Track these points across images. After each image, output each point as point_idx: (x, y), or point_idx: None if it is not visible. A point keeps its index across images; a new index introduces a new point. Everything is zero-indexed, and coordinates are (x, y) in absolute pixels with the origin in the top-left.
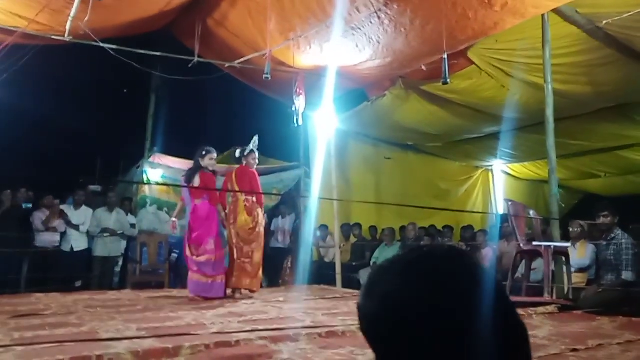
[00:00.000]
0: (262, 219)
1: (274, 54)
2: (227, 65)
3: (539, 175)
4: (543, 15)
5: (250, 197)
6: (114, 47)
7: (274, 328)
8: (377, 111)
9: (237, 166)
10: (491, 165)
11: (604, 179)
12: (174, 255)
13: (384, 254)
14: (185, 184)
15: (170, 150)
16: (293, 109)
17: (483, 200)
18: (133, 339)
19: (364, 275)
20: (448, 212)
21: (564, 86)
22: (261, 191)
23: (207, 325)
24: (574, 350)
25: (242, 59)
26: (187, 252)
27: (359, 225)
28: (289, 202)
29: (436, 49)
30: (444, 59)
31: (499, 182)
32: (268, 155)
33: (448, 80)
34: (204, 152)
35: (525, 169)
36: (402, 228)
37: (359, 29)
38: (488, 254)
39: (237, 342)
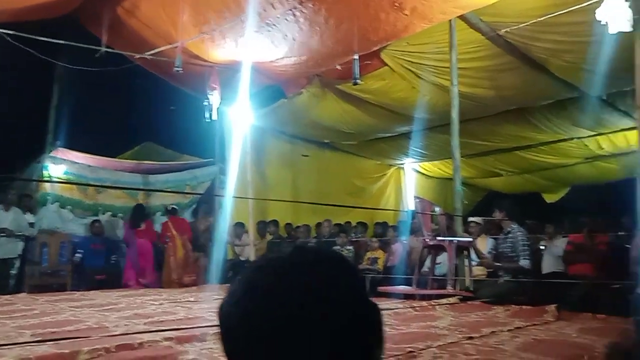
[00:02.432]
0: (191, 252)
1: (188, 47)
2: (137, 56)
3: (447, 174)
4: (450, 21)
5: (185, 236)
6: (10, 32)
7: (180, 328)
8: (294, 108)
9: (170, 217)
10: (403, 164)
11: (505, 177)
12: (78, 255)
13: None
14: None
15: (75, 144)
16: (206, 103)
17: (395, 197)
18: (25, 345)
19: None
20: (362, 209)
21: (469, 89)
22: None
23: (110, 328)
24: (470, 338)
25: (153, 51)
26: (133, 277)
27: (275, 223)
28: (207, 201)
29: (350, 49)
30: (355, 59)
31: (411, 180)
32: (181, 151)
33: (358, 81)
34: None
35: (435, 167)
36: (318, 225)
37: (274, 25)
38: (398, 249)
39: (141, 344)
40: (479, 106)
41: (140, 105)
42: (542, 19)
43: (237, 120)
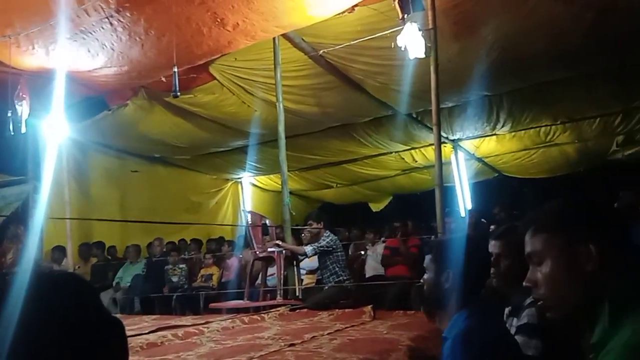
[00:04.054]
0: None
1: None
2: None
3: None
4: (274, 39)
5: None
6: None
7: None
8: (120, 121)
9: None
10: (240, 178)
11: (335, 189)
12: None
13: (128, 272)
14: None
15: None
16: (9, 114)
17: (233, 212)
18: None
19: (105, 297)
20: (199, 225)
21: (296, 105)
22: None
23: None
24: (292, 344)
25: None
26: None
27: (100, 244)
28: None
29: (173, 61)
30: (174, 72)
31: (248, 194)
32: None
33: (178, 94)
34: None
35: (271, 181)
36: (149, 244)
37: (90, 33)
38: (233, 264)
39: None
40: (307, 122)
41: None
42: (354, 42)
43: (53, 134)
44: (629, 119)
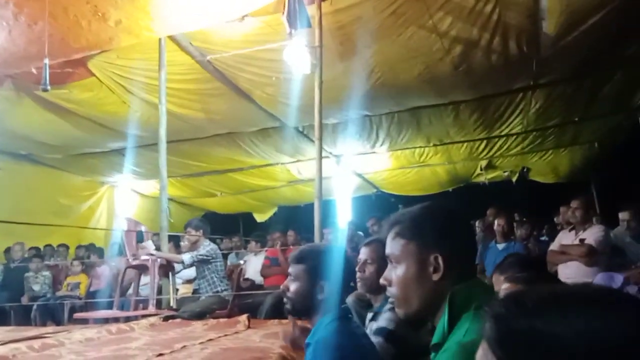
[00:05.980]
0: None
1: None
2: None
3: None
4: (160, 40)
5: None
6: None
7: None
8: None
9: None
10: (117, 182)
11: (220, 197)
12: None
13: None
14: None
15: None
16: None
17: (108, 217)
18: None
19: None
20: (68, 230)
21: (181, 110)
22: None
23: None
24: (160, 355)
25: None
26: None
27: None
28: None
29: (48, 52)
30: (45, 64)
31: (126, 199)
32: None
33: (48, 87)
34: None
35: (151, 187)
36: (9, 249)
37: None
38: (104, 272)
39: None
40: (191, 127)
41: None
42: (242, 51)
43: None
44: (491, 146)
